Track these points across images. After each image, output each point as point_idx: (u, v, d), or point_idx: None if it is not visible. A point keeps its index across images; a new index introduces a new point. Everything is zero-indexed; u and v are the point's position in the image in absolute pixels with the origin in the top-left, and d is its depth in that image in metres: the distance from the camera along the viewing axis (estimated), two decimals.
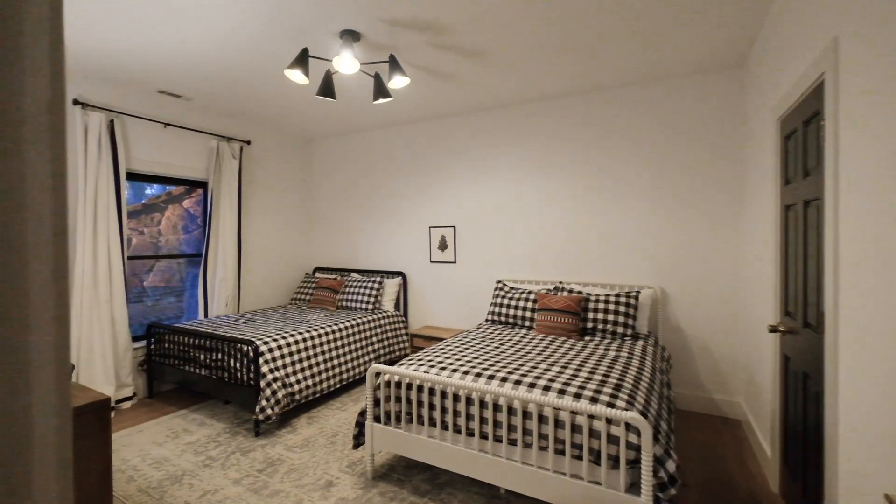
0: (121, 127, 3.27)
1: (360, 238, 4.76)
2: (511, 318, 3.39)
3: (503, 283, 3.73)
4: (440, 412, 2.08)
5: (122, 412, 3.19)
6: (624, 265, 3.39)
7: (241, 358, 2.88)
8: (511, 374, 2.13)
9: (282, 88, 3.37)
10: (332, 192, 4.98)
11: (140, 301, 3.93)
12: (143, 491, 2.18)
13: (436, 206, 4.25)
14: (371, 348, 3.80)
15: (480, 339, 2.92)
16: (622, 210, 3.38)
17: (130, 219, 3.80)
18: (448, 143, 4.16)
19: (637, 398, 1.89)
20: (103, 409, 1.21)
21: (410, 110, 3.95)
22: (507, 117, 3.84)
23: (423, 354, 2.55)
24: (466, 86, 3.32)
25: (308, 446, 2.65)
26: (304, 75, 2.35)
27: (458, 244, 4.14)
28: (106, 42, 2.58)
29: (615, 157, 3.40)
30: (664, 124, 3.22)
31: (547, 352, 2.59)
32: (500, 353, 2.55)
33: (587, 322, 3.05)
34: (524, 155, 3.77)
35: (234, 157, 4.07)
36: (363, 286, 4.22)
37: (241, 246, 4.17)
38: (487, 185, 3.96)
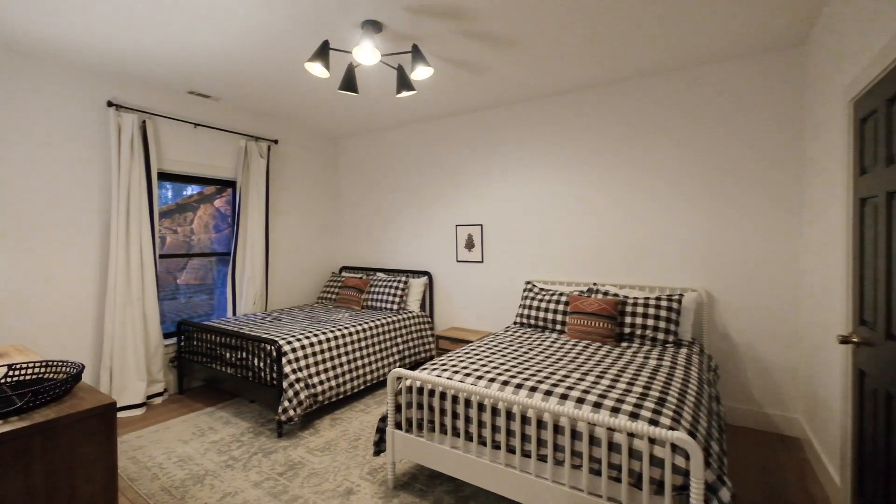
0: (153, 128, 3.33)
1: (386, 237, 4.70)
2: (541, 322, 3.22)
3: (532, 283, 3.56)
4: (464, 421, 1.95)
5: (154, 407, 3.24)
6: (665, 266, 3.14)
7: (265, 357, 2.86)
8: (541, 383, 1.97)
9: (306, 86, 3.34)
10: (359, 190, 4.94)
11: (174, 298, 4.02)
12: (166, 490, 2.17)
13: (462, 204, 4.12)
14: (396, 349, 3.72)
15: (508, 344, 2.77)
16: (663, 207, 3.13)
17: (164, 218, 3.89)
18: (474, 138, 4.02)
19: (683, 414, 1.69)
20: (108, 413, 1.16)
21: (435, 106, 3.84)
22: (538, 110, 3.65)
23: (446, 359, 2.43)
24: (494, 77, 3.17)
25: (330, 450, 2.58)
26: (325, 68, 2.27)
27: (485, 243, 4.00)
28: (136, 44, 2.60)
29: (656, 149, 3.15)
30: (711, 113, 2.95)
31: (580, 359, 2.41)
32: (529, 360, 2.39)
33: (624, 327, 2.84)
34: (556, 149, 3.58)
35: (262, 156, 4.09)
36: (388, 286, 4.14)
37: (268, 245, 4.19)
38: (516, 181, 3.80)
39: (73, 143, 2.95)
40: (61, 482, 1.08)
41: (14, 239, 2.71)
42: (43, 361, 1.35)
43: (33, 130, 2.78)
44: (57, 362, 1.35)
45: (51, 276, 2.86)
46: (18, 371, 1.32)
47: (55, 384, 1.14)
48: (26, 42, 2.58)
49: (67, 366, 1.34)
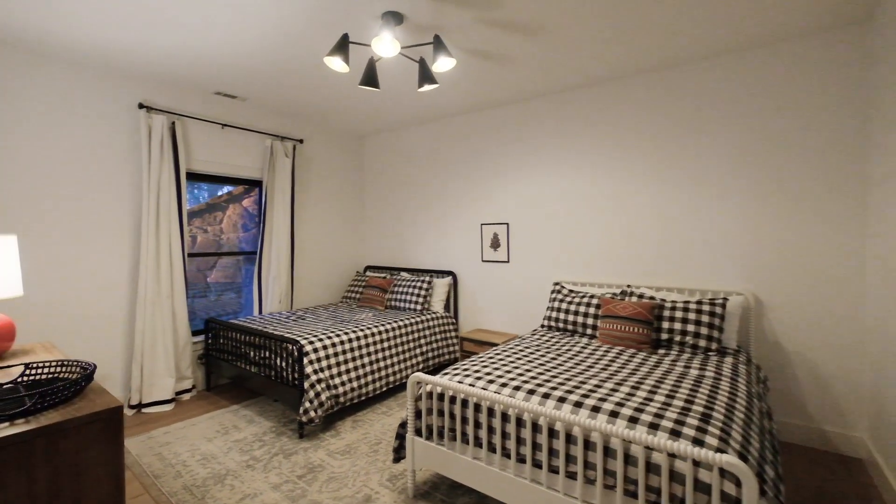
0: (181, 128, 3.39)
1: (411, 236, 4.64)
2: (570, 325, 3.05)
3: (561, 285, 3.39)
4: (486, 431, 1.84)
5: (182, 404, 3.30)
6: (707, 267, 2.91)
7: (287, 357, 2.84)
8: (570, 393, 1.83)
9: (330, 84, 3.31)
10: (383, 188, 4.90)
11: (204, 296, 4.10)
12: (188, 489, 2.17)
13: (487, 202, 4.00)
14: (419, 351, 3.64)
15: (535, 348, 2.63)
16: (704, 201, 2.90)
17: (195, 218, 3.97)
18: (500, 134, 3.89)
19: (732, 433, 1.51)
20: (115, 417, 1.12)
21: (459, 101, 3.73)
22: (567, 102, 3.48)
23: (469, 363, 2.32)
24: (520, 68, 3.03)
25: (350, 453, 2.53)
26: (345, 63, 2.21)
27: (511, 243, 3.85)
28: (165, 46, 2.63)
29: (697, 142, 2.92)
30: (760, 101, 2.70)
31: (613, 367, 2.24)
32: (557, 367, 2.25)
33: (661, 333, 2.64)
34: (586, 144, 3.40)
35: (287, 155, 4.11)
36: (412, 286, 4.07)
37: (293, 244, 4.20)
38: (544, 178, 3.63)
39: (106, 145, 3.03)
40: (65, 487, 1.05)
41: (49, 237, 2.81)
42: (58, 361, 1.34)
43: (68, 133, 2.87)
44: (72, 362, 1.34)
45: (85, 274, 2.95)
46: (35, 370, 1.31)
47: (62, 386, 1.12)
48: (62, 48, 2.66)
49: (81, 366, 1.32)
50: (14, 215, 2.67)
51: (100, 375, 3.03)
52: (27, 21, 2.35)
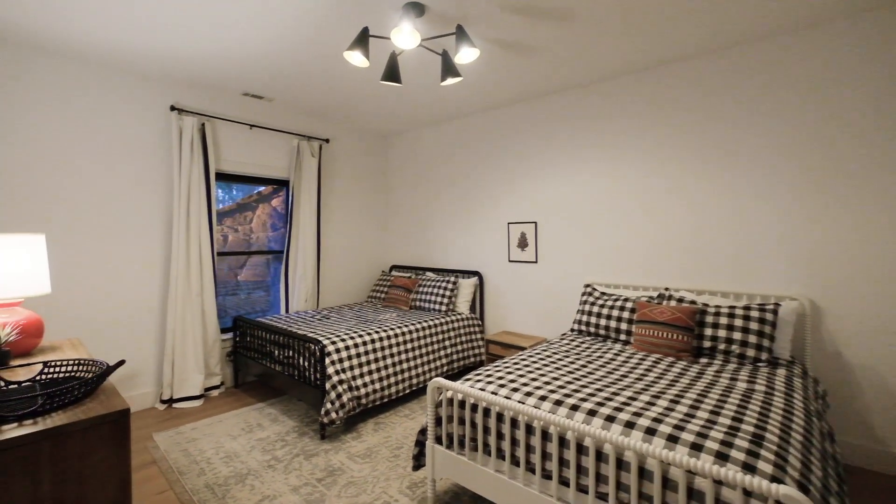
0: (211, 129, 3.45)
1: (436, 235, 4.56)
2: (602, 330, 2.88)
3: (593, 287, 3.21)
4: (510, 443, 1.73)
5: (210, 400, 3.36)
6: (755, 269, 2.66)
7: (309, 357, 2.82)
8: (601, 405, 1.69)
9: (354, 83, 3.27)
10: (409, 187, 4.85)
11: (235, 294, 4.19)
12: (210, 487, 2.18)
13: (514, 200, 3.86)
14: (443, 353, 3.55)
15: (564, 354, 2.48)
16: (752, 196, 2.66)
17: (226, 217, 4.05)
18: (527, 129, 3.74)
19: (789, 459, 1.34)
20: (122, 420, 1.10)
21: (485, 95, 3.61)
22: (599, 94, 3.29)
23: (493, 369, 2.21)
24: (547, 59, 2.88)
25: (371, 457, 2.47)
26: (365, 57, 2.15)
27: (539, 242, 3.70)
28: (194, 48, 2.67)
29: (745, 131, 2.68)
30: (817, 84, 2.44)
31: (649, 377, 2.07)
32: (588, 375, 2.10)
33: (703, 340, 2.43)
34: (619, 138, 3.20)
35: (314, 155, 4.13)
36: (437, 286, 3.99)
37: (319, 243, 4.22)
38: (574, 174, 3.46)
39: (139, 146, 3.12)
40: (71, 491, 1.03)
41: (85, 236, 2.91)
42: (75, 360, 1.34)
43: (103, 134, 2.97)
44: (87, 361, 1.33)
45: (119, 272, 3.05)
46: (53, 368, 1.31)
47: (71, 387, 1.10)
48: (99, 53, 2.75)
49: (96, 365, 1.31)
50: (50, 215, 2.78)
51: (133, 371, 3.12)
52: (66, 28, 2.43)
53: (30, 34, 2.51)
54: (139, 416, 3.04)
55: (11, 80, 2.62)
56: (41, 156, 2.72)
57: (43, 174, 2.73)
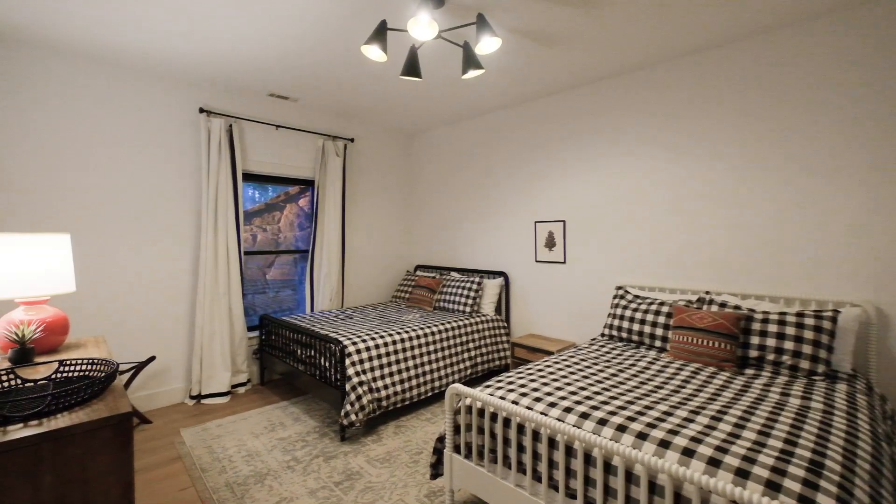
0: (238, 131, 3.50)
1: (461, 235, 4.47)
2: (635, 336, 2.70)
3: (625, 289, 3.03)
4: (531, 456, 1.61)
5: (237, 397, 3.41)
6: (809, 271, 2.41)
7: (330, 357, 2.80)
8: (632, 420, 1.55)
9: (376, 81, 3.23)
10: (433, 186, 4.78)
11: (263, 292, 4.26)
12: (230, 486, 2.18)
13: (541, 198, 3.71)
14: (467, 355, 3.46)
15: (593, 361, 2.33)
16: (808, 192, 2.41)
17: (255, 217, 4.12)
18: (554, 125, 3.58)
19: (855, 492, 1.16)
20: (124, 423, 1.07)
21: (509, 89, 3.48)
22: (631, 85, 3.10)
23: (515, 375, 2.10)
24: (574, 49, 2.72)
25: (390, 461, 2.42)
26: (382, 51, 2.09)
27: (567, 242, 3.54)
28: (221, 51, 2.70)
29: (800, 119, 2.43)
30: (882, 65, 2.17)
31: (687, 389, 1.90)
32: (618, 385, 1.95)
33: (749, 349, 2.22)
34: (653, 131, 3.00)
35: (338, 154, 4.13)
36: (461, 286, 3.90)
37: (344, 242, 4.22)
38: (604, 170, 3.28)
39: (169, 148, 3.21)
40: (72, 495, 1.01)
41: (116, 236, 3.01)
42: (89, 359, 1.34)
43: (135, 137, 3.06)
44: (101, 361, 1.33)
45: (150, 271, 3.14)
46: (68, 367, 1.32)
47: (77, 388, 1.09)
48: (131, 58, 2.83)
49: (108, 365, 1.31)
50: (83, 216, 2.89)
51: (164, 367, 3.21)
52: (100, 35, 2.51)
53: (64, 41, 2.62)
54: (169, 411, 3.12)
55: (45, 84, 2.74)
56: (74, 158, 2.83)
57: (76, 176, 2.84)
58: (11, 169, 2.61)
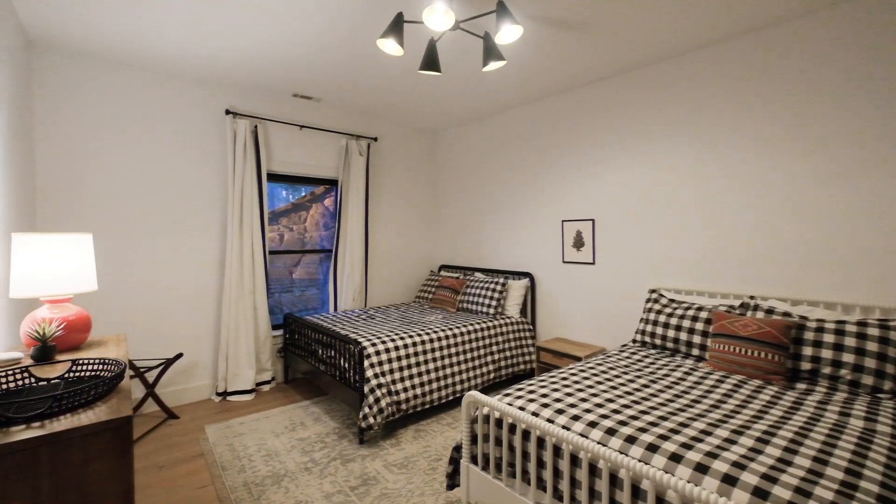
0: (263, 131, 3.54)
1: (486, 234, 4.35)
2: (670, 343, 2.51)
3: (659, 292, 2.83)
4: (552, 473, 1.50)
5: (261, 394, 3.45)
6: (872, 275, 2.15)
7: (349, 358, 2.77)
8: (664, 439, 1.40)
9: (398, 79, 3.17)
10: (458, 185, 4.69)
11: (290, 291, 4.31)
12: (247, 486, 2.18)
13: (569, 196, 3.54)
14: (490, 359, 3.35)
15: (623, 369, 2.18)
16: (873, 188, 2.15)
17: (282, 217, 4.17)
18: (582, 118, 3.40)
19: None
20: (124, 428, 1.05)
21: (532, 83, 3.34)
22: (663, 74, 2.89)
23: (537, 383, 1.98)
24: (603, 36, 2.56)
25: (408, 467, 2.35)
26: (399, 45, 2.02)
27: (597, 241, 3.36)
28: (246, 52, 2.72)
29: (858, 103, 2.18)
30: None
31: (728, 404, 1.72)
32: (650, 398, 1.79)
33: (801, 361, 2.00)
34: (691, 122, 2.78)
35: (362, 154, 4.11)
36: (485, 287, 3.79)
37: (367, 242, 4.20)
38: (636, 166, 3.08)
39: (196, 150, 3.27)
40: (71, 500, 0.99)
41: (144, 236, 3.10)
42: (100, 359, 1.34)
43: (163, 139, 3.14)
44: (112, 361, 1.33)
45: (178, 269, 3.21)
46: (81, 367, 1.32)
47: (80, 390, 1.07)
48: (158, 62, 2.90)
49: (118, 366, 1.30)
50: (112, 216, 2.98)
51: (191, 363, 3.29)
52: (133, 38, 2.58)
53: (98, 48, 2.71)
54: (196, 407, 3.19)
55: (80, 90, 2.84)
56: (103, 160, 2.93)
57: (105, 178, 2.94)
58: (47, 171, 2.73)
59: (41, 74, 2.69)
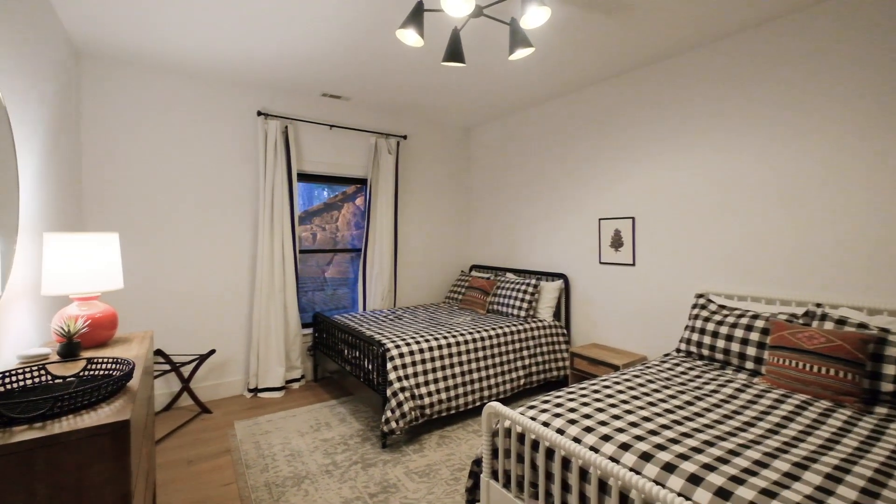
0: (293, 132, 3.58)
1: (519, 233, 4.19)
2: (719, 354, 2.26)
3: (708, 297, 2.57)
4: (577, 499, 1.35)
5: (291, 392, 3.49)
6: None
7: (373, 359, 2.72)
8: (711, 469, 1.22)
9: (425, 74, 3.09)
10: (490, 182, 4.55)
11: (322, 290, 4.35)
12: (268, 486, 2.17)
13: (607, 192, 3.32)
14: (520, 364, 3.20)
15: (665, 382, 1.97)
16: None
17: (315, 217, 4.22)
18: (619, 109, 3.17)
19: None
20: (121, 432, 1.03)
21: (564, 75, 3.14)
22: (709, 58, 2.61)
23: (566, 395, 1.82)
24: (640, 18, 2.34)
25: (430, 476, 2.26)
26: (419, 35, 1.92)
27: (637, 241, 3.12)
28: (276, 53, 2.74)
29: None
30: None
31: (790, 429, 1.49)
32: (695, 417, 1.59)
33: (881, 381, 1.72)
34: (747, 108, 2.50)
35: (391, 152, 4.07)
36: (516, 288, 3.64)
37: (397, 241, 4.16)
38: (683, 157, 2.82)
39: (229, 151, 3.35)
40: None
41: (182, 234, 3.19)
42: (113, 358, 1.34)
43: (199, 141, 3.23)
44: (124, 361, 1.32)
45: (211, 267, 3.30)
46: (95, 366, 1.33)
47: (81, 391, 1.06)
48: (192, 66, 2.99)
49: (128, 366, 1.29)
50: (148, 217, 3.09)
51: (224, 359, 3.37)
52: (170, 45, 2.66)
53: (138, 53, 2.81)
54: (228, 403, 3.26)
55: (119, 95, 2.97)
56: (143, 163, 3.05)
57: (144, 180, 3.05)
58: (93, 174, 2.87)
59: (88, 83, 2.83)
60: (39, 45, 2.00)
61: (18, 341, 1.65)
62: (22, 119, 1.74)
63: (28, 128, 1.81)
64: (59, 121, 2.33)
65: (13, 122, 1.63)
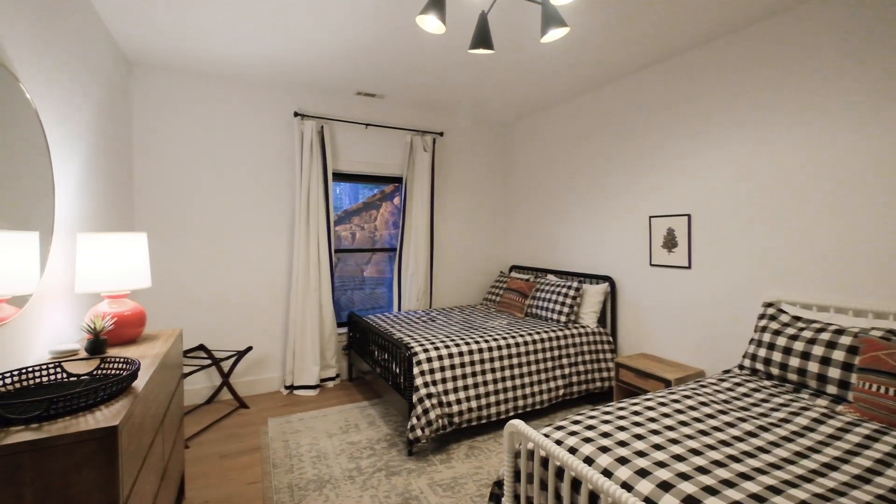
0: (329, 131, 3.59)
1: (560, 232, 3.94)
2: (793, 374, 1.93)
3: (778, 306, 2.22)
4: None
5: (325, 391, 3.51)
6: None
7: (401, 363, 2.63)
8: None
9: (460, 68, 2.96)
10: (531, 179, 4.32)
11: (360, 289, 4.37)
12: (291, 488, 2.15)
13: (658, 187, 3.00)
14: (559, 373, 2.98)
15: (723, 405, 1.70)
16: None
17: (354, 216, 4.24)
18: (670, 96, 2.83)
19: None
20: (108, 438, 1.00)
21: (609, 59, 2.86)
22: (776, 33, 2.24)
23: (599, 416, 1.61)
24: None
25: (454, 489, 2.13)
26: (440, 21, 1.79)
27: (693, 241, 2.78)
28: (311, 53, 2.75)
29: None
30: None
31: (887, 476, 1.19)
32: (759, 452, 1.33)
33: None
34: (826, 88, 2.11)
35: (426, 149, 3.98)
36: (556, 291, 3.41)
37: (433, 240, 4.07)
38: (747, 148, 2.46)
39: (267, 152, 3.42)
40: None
41: (221, 234, 3.30)
42: (123, 359, 1.34)
43: (239, 144, 3.32)
44: (132, 361, 1.32)
45: (249, 266, 3.39)
46: (109, 364, 1.34)
47: (78, 393, 1.05)
48: (234, 70, 3.07)
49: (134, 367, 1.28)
50: (189, 217, 3.22)
51: (262, 356, 3.45)
52: (212, 52, 2.74)
53: (184, 62, 2.93)
54: (265, 399, 3.34)
55: (167, 102, 3.11)
56: (188, 166, 3.18)
57: (188, 182, 3.18)
58: (143, 178, 3.03)
59: (137, 89, 3.00)
60: (84, 53, 2.11)
61: (55, 336, 1.73)
62: (61, 122, 1.83)
63: (64, 129, 1.89)
64: (106, 125, 2.46)
65: (50, 125, 1.70)
